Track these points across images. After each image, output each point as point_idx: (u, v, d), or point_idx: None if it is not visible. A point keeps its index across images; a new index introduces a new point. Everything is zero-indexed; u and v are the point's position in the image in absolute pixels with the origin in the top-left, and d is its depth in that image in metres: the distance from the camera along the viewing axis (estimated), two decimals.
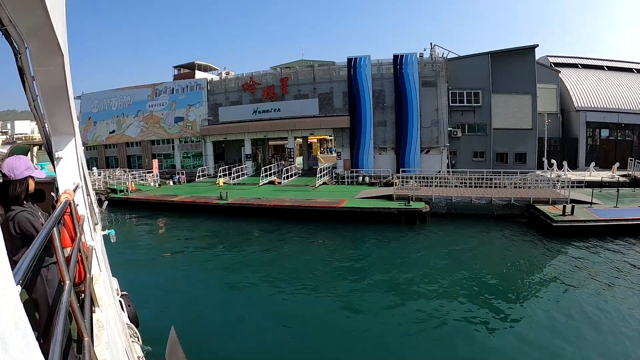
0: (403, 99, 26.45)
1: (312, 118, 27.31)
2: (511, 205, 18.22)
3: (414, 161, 26.50)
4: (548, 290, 10.02)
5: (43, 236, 1.43)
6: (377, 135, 26.85)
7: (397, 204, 18.35)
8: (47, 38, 2.50)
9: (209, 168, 30.79)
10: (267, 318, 8.68)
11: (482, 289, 10.09)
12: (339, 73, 27.21)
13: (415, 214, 17.48)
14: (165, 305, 9.31)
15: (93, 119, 36.46)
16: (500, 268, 11.71)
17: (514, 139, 28.86)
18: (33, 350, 0.92)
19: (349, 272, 11.92)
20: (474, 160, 28.38)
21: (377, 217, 17.60)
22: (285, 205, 18.85)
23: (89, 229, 3.53)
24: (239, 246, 15.15)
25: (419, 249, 13.91)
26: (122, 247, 15.16)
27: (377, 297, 9.72)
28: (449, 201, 19.05)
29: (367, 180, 24.84)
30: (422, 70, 26.66)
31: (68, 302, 1.44)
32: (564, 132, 33.34)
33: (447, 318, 8.45)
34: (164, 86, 33.34)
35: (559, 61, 37.36)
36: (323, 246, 15.02)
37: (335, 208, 18.17)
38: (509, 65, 28.40)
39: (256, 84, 29.00)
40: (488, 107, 28.20)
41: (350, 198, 19.89)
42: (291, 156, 28.59)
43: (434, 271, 11.54)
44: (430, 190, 20.05)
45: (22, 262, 1.13)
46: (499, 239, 14.86)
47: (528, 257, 12.68)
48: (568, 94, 33.54)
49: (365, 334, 7.95)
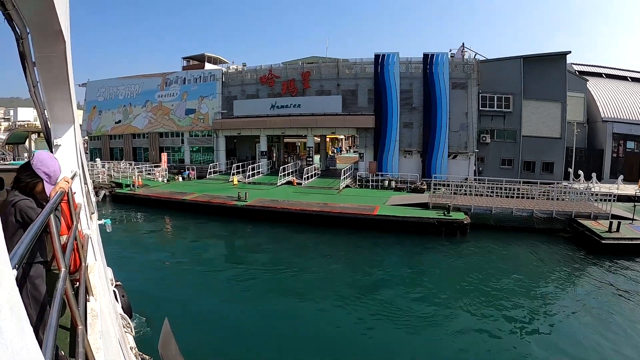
0: (432, 100, 25.02)
1: (334, 116, 25.72)
2: (552, 218, 17.01)
3: (441, 166, 25.08)
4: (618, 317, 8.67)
5: (40, 222, 1.40)
6: (403, 138, 25.38)
7: (434, 213, 16.96)
8: (49, 24, 2.49)
9: (220, 164, 29.06)
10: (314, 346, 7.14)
11: (546, 316, 8.83)
12: (364, 70, 25.70)
13: (457, 226, 16.12)
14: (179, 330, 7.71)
15: (98, 107, 34.56)
16: (560, 294, 10.47)
17: (543, 147, 27.62)
18: (27, 335, 0.91)
19: (395, 288, 10.44)
20: (501, 168, 27.08)
21: (414, 228, 16.16)
22: (313, 210, 17.23)
23: (85, 218, 3.49)
24: (263, 257, 13.54)
25: (467, 266, 12.50)
26: (126, 250, 13.54)
27: (437, 316, 8.60)
28: (488, 212, 17.76)
29: (393, 184, 23.33)
30: (453, 71, 25.29)
31: (63, 289, 1.42)
32: (589, 142, 32.27)
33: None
34: (175, 76, 31.56)
35: (584, 69, 36.27)
36: (361, 257, 13.55)
37: (369, 216, 16.63)
38: (539, 71, 27.16)
39: (275, 77, 27.34)
40: (518, 113, 26.90)
41: (382, 205, 18.39)
42: (310, 155, 26.96)
43: (487, 294, 10.15)
44: (470, 199, 18.73)
45: (19, 246, 1.12)
46: (547, 257, 13.60)
47: (586, 280, 11.44)
48: (595, 104, 32.49)
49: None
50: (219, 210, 18.75)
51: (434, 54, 25.17)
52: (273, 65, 27.72)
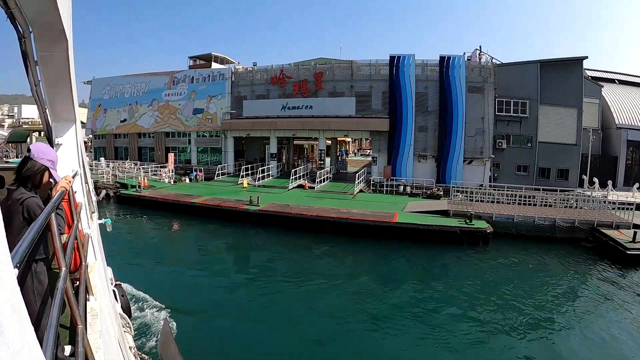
0: (448, 104, 24.40)
1: (348, 118, 25.05)
2: (574, 227, 16.50)
3: (456, 172, 24.44)
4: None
5: (41, 221, 1.41)
6: (418, 142, 24.74)
7: (456, 221, 16.36)
8: (52, 23, 2.50)
9: (228, 166, 28.34)
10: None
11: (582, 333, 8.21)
12: (379, 71, 25.06)
13: (480, 235, 15.52)
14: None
15: (104, 105, 33.81)
16: (592, 308, 9.85)
17: (558, 154, 27.04)
18: (28, 334, 0.91)
19: (430, 304, 9.76)
20: (517, 174, 26.46)
21: (435, 236, 15.52)
22: (330, 217, 16.53)
23: (86, 217, 3.47)
24: (281, 267, 12.82)
25: (497, 279, 11.95)
26: (132, 255, 12.87)
27: (479, 334, 8.02)
28: (510, 220, 17.20)
29: (408, 190, 22.66)
30: (469, 75, 24.68)
31: (64, 288, 1.42)
32: (603, 149, 31.75)
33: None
34: (182, 74, 30.85)
35: (597, 75, 35.77)
36: (388, 269, 12.92)
37: (389, 223, 15.95)
38: (556, 76, 26.61)
39: (287, 78, 26.66)
40: (535, 119, 26.29)
41: (400, 211, 17.74)
42: (321, 158, 26.28)
43: (523, 310, 9.52)
44: (491, 207, 18.14)
45: (20, 245, 1.12)
46: (575, 268, 13.09)
47: (621, 294, 10.78)
48: (609, 110, 31.98)
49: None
50: (230, 214, 18.02)
51: (451, 57, 24.58)
52: (284, 65, 27.04)
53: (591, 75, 35.26)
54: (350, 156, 46.15)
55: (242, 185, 23.63)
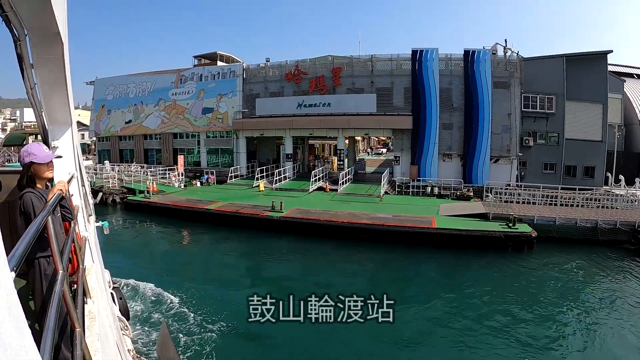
0: (473, 100, 23.25)
1: (369, 116, 23.79)
2: (616, 229, 15.59)
3: (483, 171, 23.29)
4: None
5: (37, 224, 1.42)
6: (442, 140, 23.55)
7: (497, 225, 15.27)
8: (47, 26, 2.46)
9: (241, 168, 26.98)
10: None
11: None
12: (400, 66, 23.84)
13: (524, 240, 14.44)
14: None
15: (107, 106, 32.29)
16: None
17: (584, 151, 26.01)
18: (26, 337, 0.91)
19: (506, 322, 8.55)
20: (543, 173, 25.39)
21: (477, 242, 14.43)
22: (363, 223, 15.25)
23: (82, 220, 3.46)
24: (321, 280, 11.36)
25: (554, 288, 11.04)
26: (144, 270, 11.37)
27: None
28: (551, 223, 16.17)
29: (435, 191, 21.46)
30: (495, 70, 23.55)
31: (61, 292, 1.42)
32: (625, 145, 30.82)
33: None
34: (190, 72, 29.45)
35: (618, 70, 34.82)
36: (453, 281, 11.80)
37: (429, 229, 14.75)
38: (580, 70, 25.59)
39: (302, 74, 25.35)
40: (561, 115, 25.23)
41: (436, 215, 16.57)
42: (341, 158, 25.02)
43: (591, 324, 8.68)
44: (533, 209, 17.07)
45: (17, 248, 1.12)
46: (625, 274, 12.21)
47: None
48: (631, 106, 31.09)
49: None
50: (250, 222, 16.54)
51: (475, 51, 23.46)
52: (299, 61, 25.73)
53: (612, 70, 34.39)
54: (361, 155, 44.85)
55: (259, 189, 22.31)
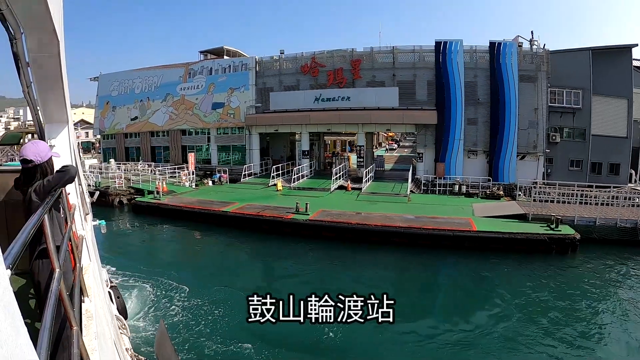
0: (500, 95, 22.29)
1: (391, 111, 22.72)
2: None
3: (509, 168, 22.33)
4: None
5: (34, 222, 1.41)
6: (468, 136, 22.55)
7: (538, 227, 14.38)
8: (43, 24, 2.46)
9: (254, 165, 25.81)
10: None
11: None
12: (423, 59, 22.78)
13: (569, 242, 13.61)
14: None
15: (112, 103, 30.93)
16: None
17: (610, 147, 25.17)
18: (21, 335, 0.91)
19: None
20: (569, 170, 24.50)
21: (521, 245, 13.52)
22: (399, 226, 14.12)
23: (79, 218, 3.46)
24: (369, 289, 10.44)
25: (616, 295, 10.33)
26: (159, 289, 9.73)
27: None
28: (592, 223, 15.31)
29: (463, 189, 20.46)
30: (521, 63, 22.58)
31: (58, 290, 1.41)
32: None
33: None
34: (199, 65, 28.18)
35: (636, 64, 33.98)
36: (504, 290, 10.73)
37: (470, 232, 13.72)
38: (606, 64, 24.72)
39: (319, 66, 24.21)
40: (588, 110, 24.33)
41: (473, 217, 15.60)
42: (361, 155, 23.92)
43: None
44: (573, 209, 16.14)
45: (13, 246, 1.12)
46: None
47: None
48: None
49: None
50: (274, 225, 15.25)
51: (501, 43, 22.47)
52: (316, 53, 24.57)
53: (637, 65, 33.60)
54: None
55: (276, 188, 21.15)
